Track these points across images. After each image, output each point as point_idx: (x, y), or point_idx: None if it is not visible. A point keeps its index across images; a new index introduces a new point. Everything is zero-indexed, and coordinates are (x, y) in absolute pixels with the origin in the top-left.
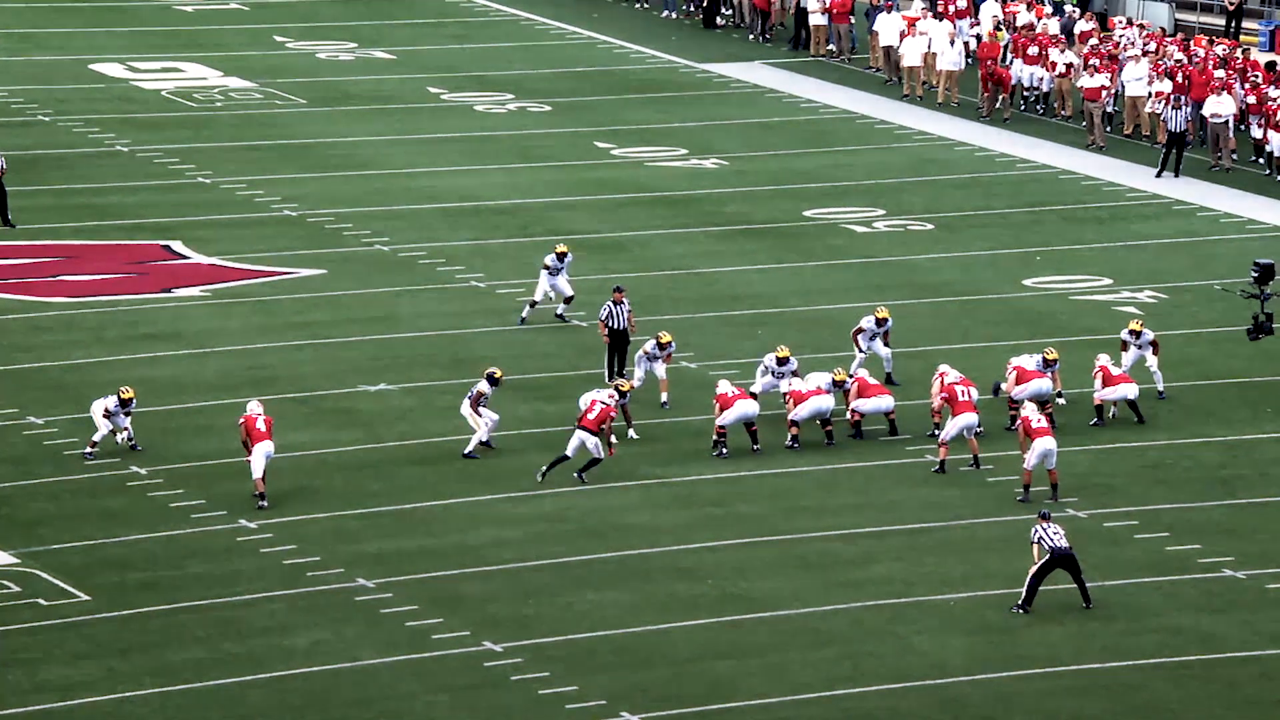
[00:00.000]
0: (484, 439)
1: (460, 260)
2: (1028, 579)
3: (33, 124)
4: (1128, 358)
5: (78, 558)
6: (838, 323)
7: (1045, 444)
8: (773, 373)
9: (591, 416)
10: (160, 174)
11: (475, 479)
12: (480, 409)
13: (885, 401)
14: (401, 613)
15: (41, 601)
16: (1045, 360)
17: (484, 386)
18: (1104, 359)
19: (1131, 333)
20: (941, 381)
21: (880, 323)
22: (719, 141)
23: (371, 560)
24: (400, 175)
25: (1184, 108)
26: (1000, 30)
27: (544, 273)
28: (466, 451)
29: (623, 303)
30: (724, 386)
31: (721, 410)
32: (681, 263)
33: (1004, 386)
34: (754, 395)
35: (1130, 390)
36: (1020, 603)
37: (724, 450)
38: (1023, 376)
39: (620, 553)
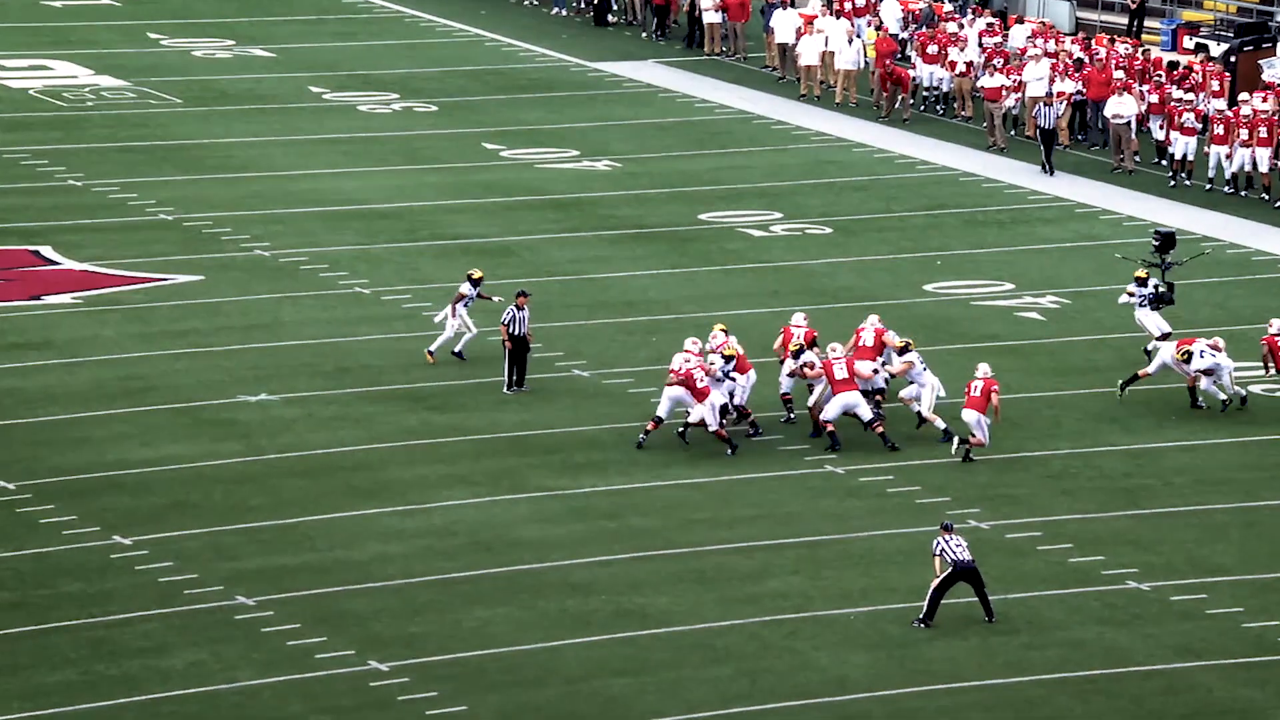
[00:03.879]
0: (458, 350)
1: (344, 265)
2: (929, 592)
3: None
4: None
5: None
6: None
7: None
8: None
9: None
10: (28, 176)
11: (359, 493)
12: (459, 309)
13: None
14: (283, 631)
15: None
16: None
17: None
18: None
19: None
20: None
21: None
22: (611, 143)
23: (252, 577)
24: (281, 178)
25: (1054, 103)
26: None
27: (462, 306)
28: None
29: (524, 308)
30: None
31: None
32: (573, 268)
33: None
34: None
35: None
36: (921, 616)
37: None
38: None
39: (510, 568)
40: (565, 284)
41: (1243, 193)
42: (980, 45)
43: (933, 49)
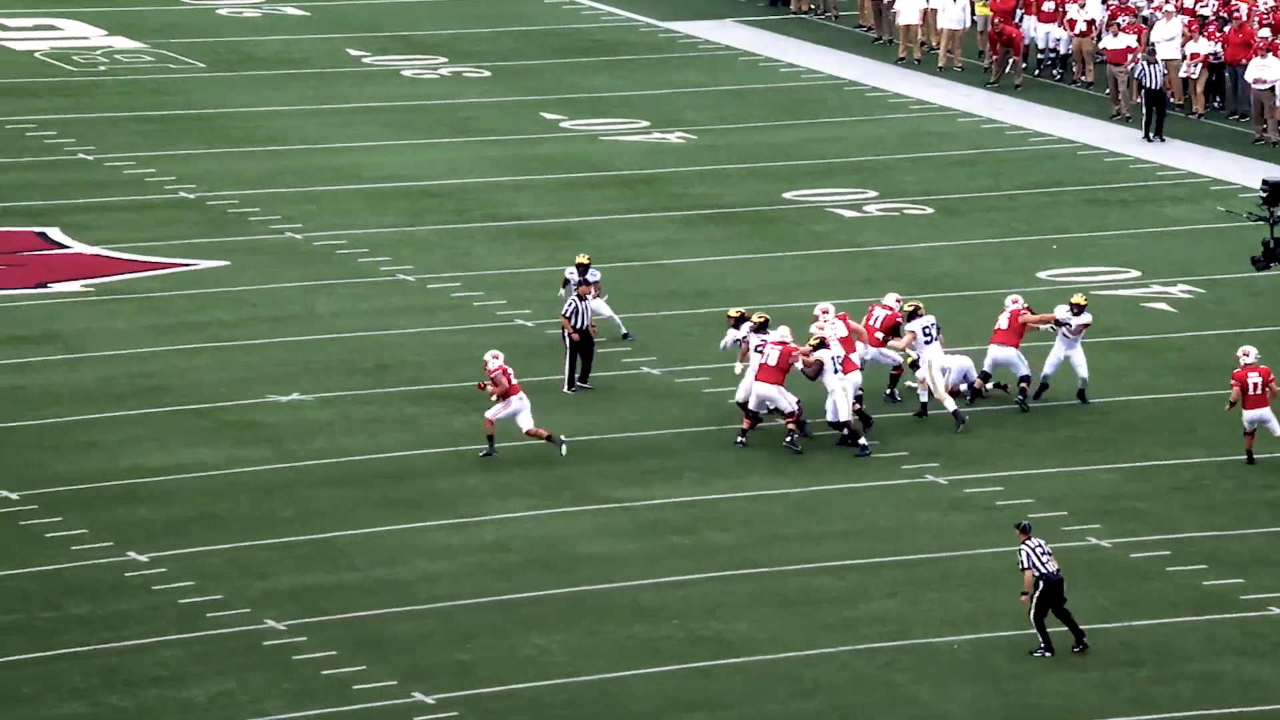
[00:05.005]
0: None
1: (385, 250)
2: (1032, 619)
3: None
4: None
5: None
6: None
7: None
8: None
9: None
10: (34, 149)
11: (401, 504)
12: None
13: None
14: (317, 659)
15: None
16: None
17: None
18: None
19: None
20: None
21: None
22: (685, 112)
23: (282, 598)
24: (315, 151)
25: (1158, 62)
26: None
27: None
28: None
29: (588, 298)
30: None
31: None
32: (641, 252)
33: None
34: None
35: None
36: (1040, 646)
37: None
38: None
39: (571, 588)
40: (632, 270)
41: None
42: (1103, 1)
43: (1049, 5)
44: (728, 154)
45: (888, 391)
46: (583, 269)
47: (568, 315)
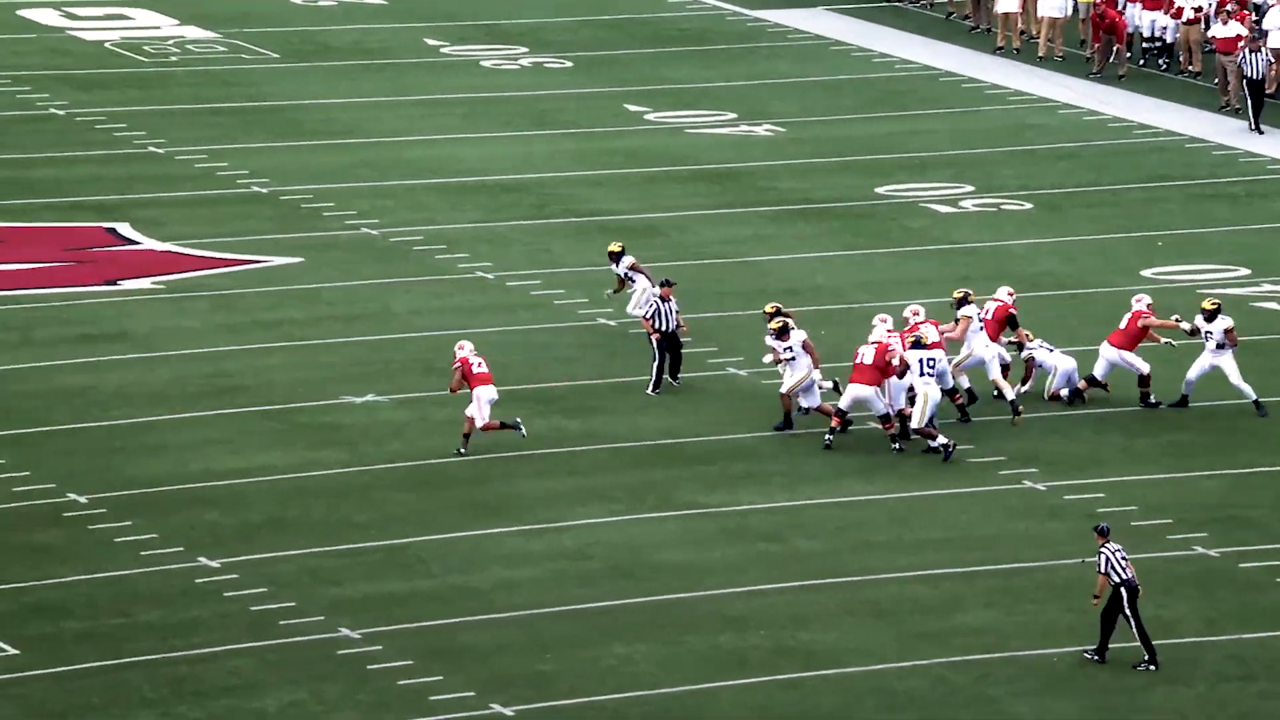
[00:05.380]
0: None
1: (463, 246)
2: (1135, 630)
3: None
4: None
5: (4, 603)
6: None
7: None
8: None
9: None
10: (103, 142)
11: (480, 509)
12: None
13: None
14: (392, 669)
15: None
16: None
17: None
18: None
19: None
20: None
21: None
22: (773, 104)
23: (356, 605)
24: (391, 144)
25: (1262, 50)
26: None
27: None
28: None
29: (670, 299)
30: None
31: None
32: (728, 249)
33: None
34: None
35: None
36: (1146, 659)
37: (900, 445)
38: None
39: (654, 597)
40: (719, 268)
41: None
42: None
43: None
44: (818, 147)
45: (995, 393)
46: (615, 256)
47: (648, 316)
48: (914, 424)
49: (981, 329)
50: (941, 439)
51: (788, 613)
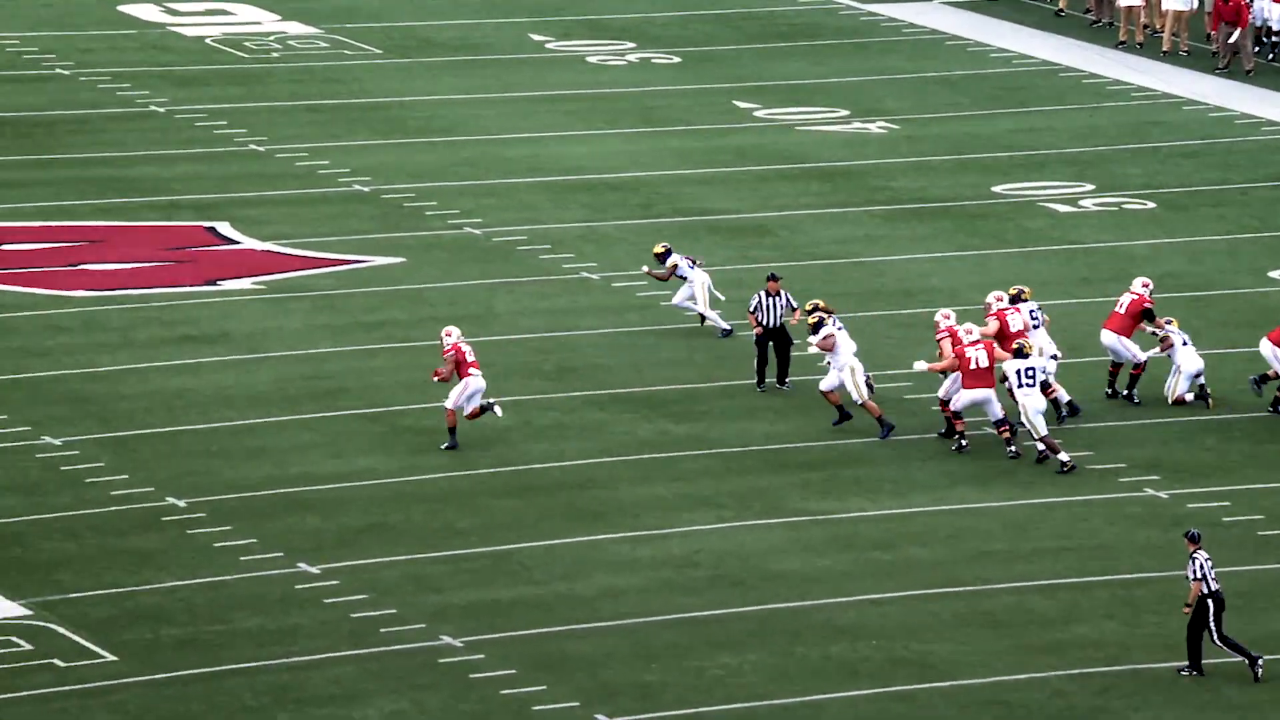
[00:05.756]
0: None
1: (568, 246)
2: (1218, 641)
3: (49, 78)
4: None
5: (102, 609)
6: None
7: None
8: None
9: (984, 365)
10: (203, 140)
11: (584, 515)
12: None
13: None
14: (495, 678)
15: (58, 662)
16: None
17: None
18: None
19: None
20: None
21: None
22: (887, 100)
23: (459, 613)
24: (495, 142)
25: None
26: None
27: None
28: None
29: (780, 293)
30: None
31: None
32: (840, 249)
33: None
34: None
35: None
36: (1187, 666)
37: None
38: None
39: (763, 606)
40: (830, 269)
41: None
42: None
43: None
44: (933, 145)
45: (1108, 390)
46: (660, 258)
47: (752, 310)
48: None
49: (1039, 327)
50: (1063, 455)
51: (900, 623)
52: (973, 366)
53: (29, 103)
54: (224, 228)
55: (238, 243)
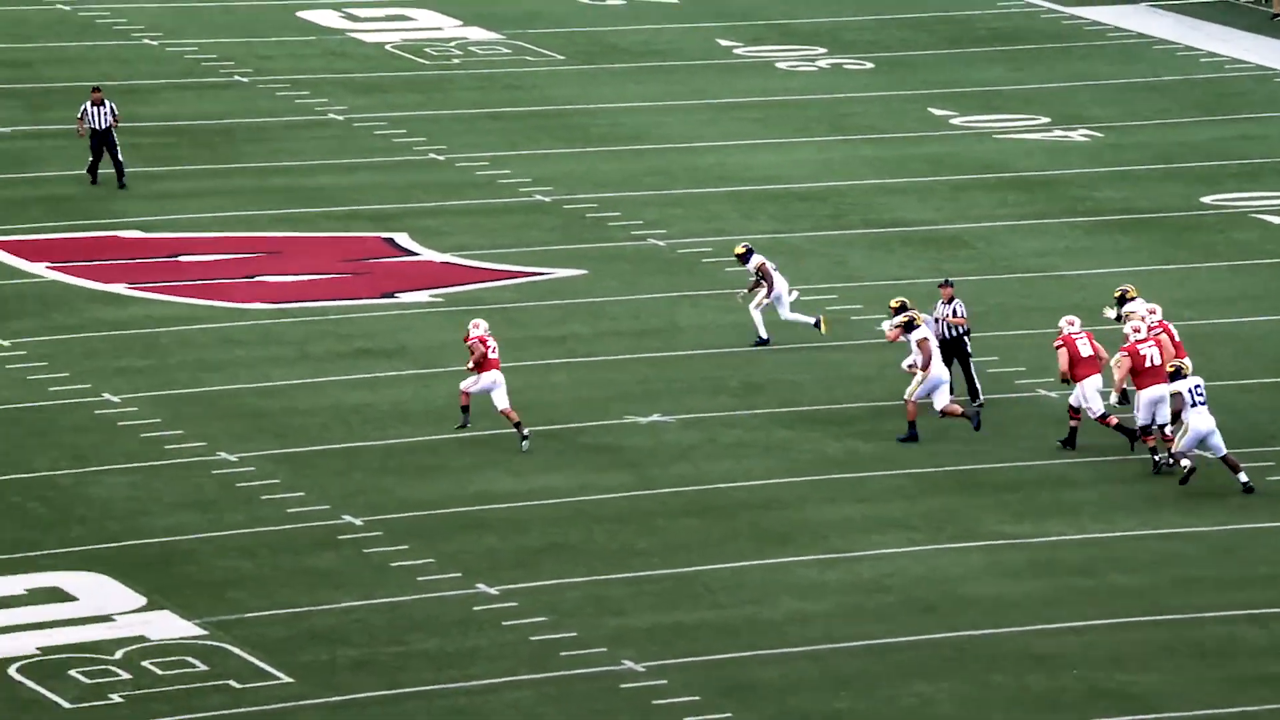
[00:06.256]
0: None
1: None
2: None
3: (227, 86)
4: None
5: (278, 629)
6: (1244, 340)
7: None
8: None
9: (1158, 363)
10: (382, 149)
11: (770, 536)
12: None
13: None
14: (679, 704)
15: (233, 684)
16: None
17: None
18: None
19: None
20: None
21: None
22: (1090, 107)
23: (640, 636)
24: (680, 150)
25: None
26: None
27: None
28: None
29: (955, 300)
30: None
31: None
32: (1039, 262)
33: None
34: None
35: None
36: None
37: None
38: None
39: (957, 633)
40: (1029, 282)
41: None
42: None
43: None
44: (1138, 154)
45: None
46: (743, 257)
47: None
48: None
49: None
50: (1187, 461)
51: (1103, 652)
52: (1148, 365)
53: (207, 111)
54: (402, 239)
55: (416, 254)
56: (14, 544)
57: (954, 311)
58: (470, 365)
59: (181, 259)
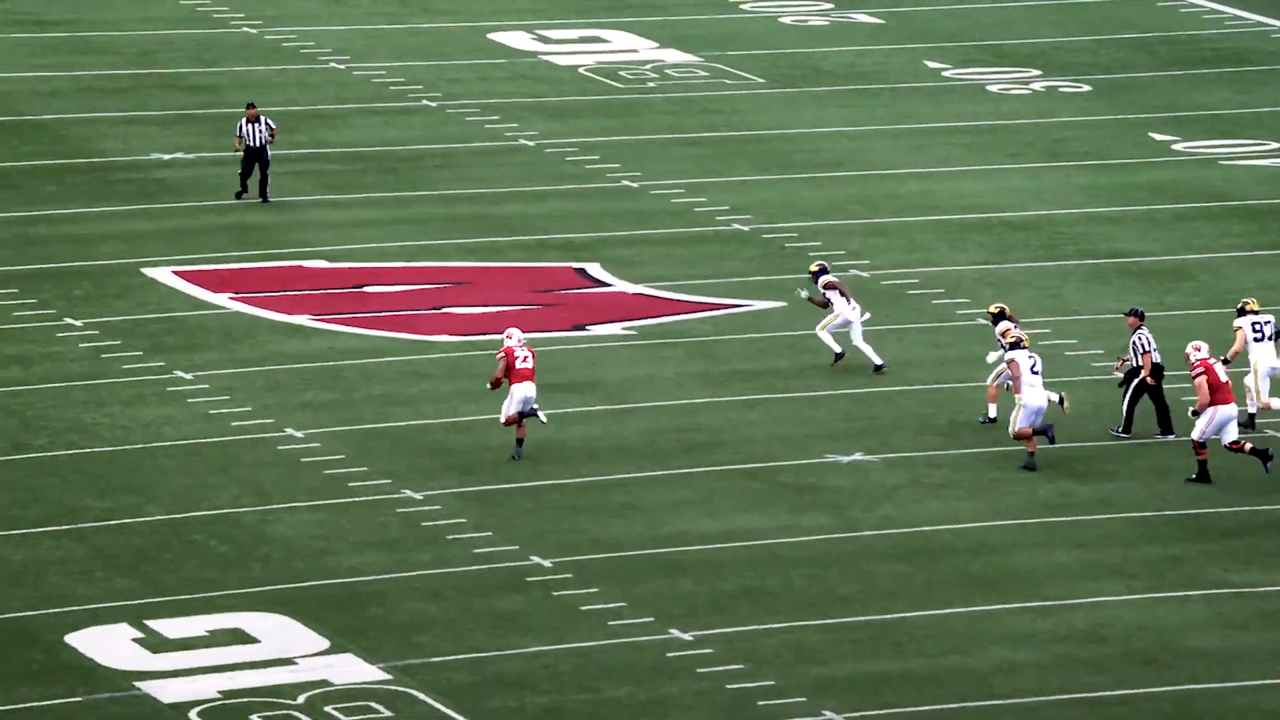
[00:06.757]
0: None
1: (964, 290)
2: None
3: (415, 111)
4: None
5: (464, 674)
6: None
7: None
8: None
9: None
10: (574, 175)
11: (978, 582)
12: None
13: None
14: None
15: None
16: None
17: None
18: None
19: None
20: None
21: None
22: None
23: (842, 686)
24: (886, 177)
25: None
26: None
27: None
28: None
29: (1139, 330)
30: None
31: None
32: (1269, 296)
33: None
34: None
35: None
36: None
37: None
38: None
39: (1178, 686)
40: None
41: None
42: None
43: None
44: None
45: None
46: (815, 275)
47: (1146, 350)
48: None
49: (1264, 340)
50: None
51: None
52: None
53: (394, 137)
54: (594, 269)
55: (608, 285)
56: (195, 583)
57: (1133, 345)
58: (489, 385)
59: (367, 290)
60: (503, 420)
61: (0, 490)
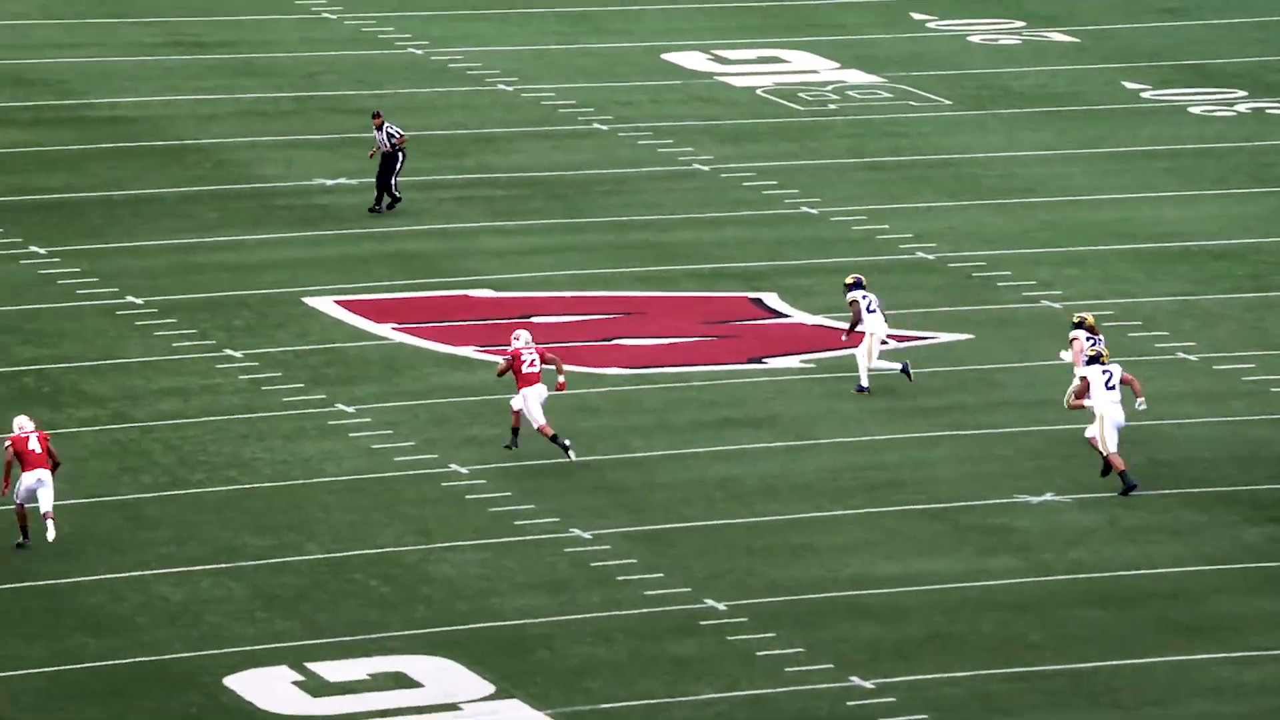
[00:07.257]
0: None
1: (1162, 322)
2: None
3: (585, 135)
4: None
5: None
6: None
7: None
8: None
9: None
10: (750, 201)
11: (1179, 630)
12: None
13: None
14: None
15: None
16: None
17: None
18: None
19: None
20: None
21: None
22: None
23: None
24: (1079, 204)
25: None
26: None
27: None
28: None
29: None
30: None
31: None
32: None
33: None
34: None
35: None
36: None
37: None
38: None
39: None
40: None
41: None
42: None
43: None
44: None
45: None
46: (850, 287)
47: None
48: None
49: None
50: None
51: None
52: None
53: (563, 161)
54: (771, 299)
55: (786, 316)
56: (356, 625)
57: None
58: (499, 373)
59: (534, 320)
60: (536, 427)
61: (158, 527)
